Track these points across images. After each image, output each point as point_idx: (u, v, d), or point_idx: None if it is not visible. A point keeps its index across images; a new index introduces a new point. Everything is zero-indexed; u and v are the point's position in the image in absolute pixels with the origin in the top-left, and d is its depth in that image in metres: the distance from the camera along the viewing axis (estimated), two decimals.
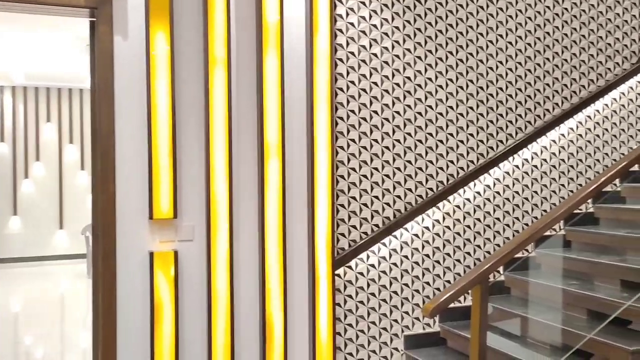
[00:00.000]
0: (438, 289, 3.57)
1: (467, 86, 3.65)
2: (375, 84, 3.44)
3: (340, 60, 3.35)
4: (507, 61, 3.74)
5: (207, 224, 3.00)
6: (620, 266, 3.28)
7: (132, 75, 2.91)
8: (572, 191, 3.92)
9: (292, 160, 3.20)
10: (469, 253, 3.65)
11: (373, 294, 3.43)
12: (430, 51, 3.56)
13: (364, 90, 3.41)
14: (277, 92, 3.11)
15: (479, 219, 3.68)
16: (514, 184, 3.76)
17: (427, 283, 3.55)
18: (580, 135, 3.93)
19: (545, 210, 3.88)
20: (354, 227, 3.40)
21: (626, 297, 3.00)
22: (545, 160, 3.84)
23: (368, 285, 3.42)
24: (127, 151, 2.91)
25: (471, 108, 3.66)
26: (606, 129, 3.99)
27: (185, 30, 2.99)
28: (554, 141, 3.86)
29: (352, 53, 3.38)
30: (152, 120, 2.89)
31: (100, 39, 2.86)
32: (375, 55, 3.43)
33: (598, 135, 3.97)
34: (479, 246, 3.67)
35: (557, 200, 3.89)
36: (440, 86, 3.59)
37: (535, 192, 3.82)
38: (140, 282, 2.92)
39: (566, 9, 3.89)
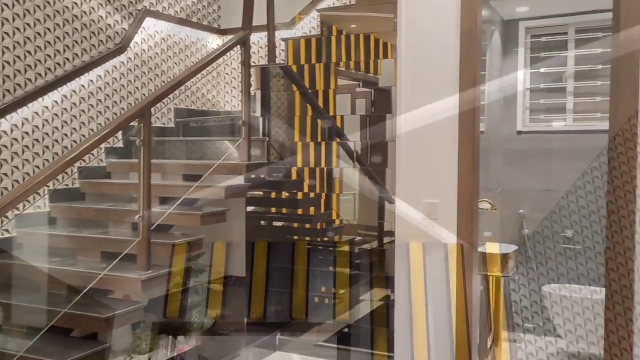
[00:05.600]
0: None
1: None
2: None
3: None
4: None
5: None
6: (101, 238, 3.37)
7: None
8: None
9: None
10: None
11: None
12: None
13: None
14: None
15: None
16: None
17: None
18: (65, 109, 3.83)
19: None
20: None
21: (104, 267, 3.09)
22: (27, 133, 3.59)
23: None
24: None
25: None
26: (92, 105, 4.02)
27: None
28: (36, 113, 3.65)
29: None
30: None
31: None
32: None
33: (83, 111, 3.97)
34: None
35: None
36: None
37: (17, 167, 3.53)
38: None
39: None
